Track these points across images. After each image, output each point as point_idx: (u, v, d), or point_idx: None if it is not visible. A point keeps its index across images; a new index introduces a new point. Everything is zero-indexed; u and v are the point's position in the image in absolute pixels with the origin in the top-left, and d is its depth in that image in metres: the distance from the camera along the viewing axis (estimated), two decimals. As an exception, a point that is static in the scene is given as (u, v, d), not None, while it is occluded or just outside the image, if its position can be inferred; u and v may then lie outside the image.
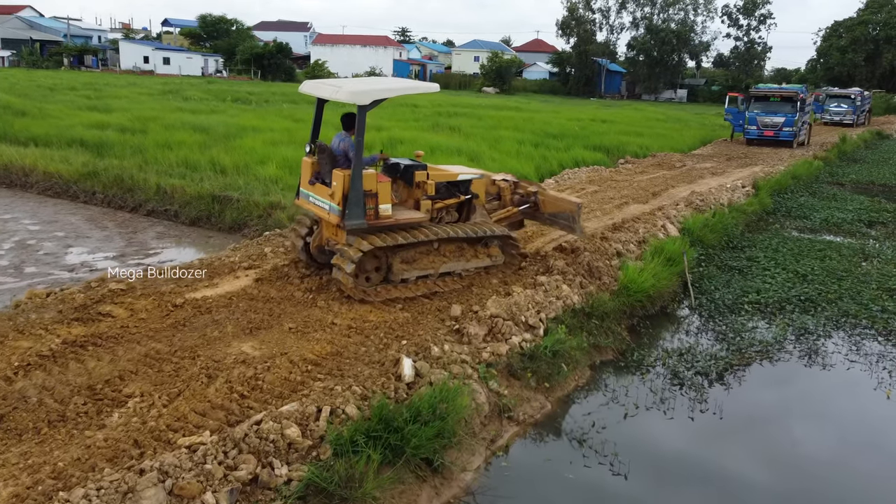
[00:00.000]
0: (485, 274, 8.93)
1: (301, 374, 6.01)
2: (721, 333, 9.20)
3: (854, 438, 7.02)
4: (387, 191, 7.91)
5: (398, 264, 8.13)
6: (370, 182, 7.72)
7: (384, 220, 7.92)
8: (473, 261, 8.76)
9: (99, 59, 75.05)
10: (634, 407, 7.11)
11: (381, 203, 7.82)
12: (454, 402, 5.72)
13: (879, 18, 73.09)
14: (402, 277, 8.17)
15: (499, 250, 9.02)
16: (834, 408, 7.73)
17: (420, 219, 8.29)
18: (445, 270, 8.52)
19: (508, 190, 9.95)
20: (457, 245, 8.55)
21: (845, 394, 8.00)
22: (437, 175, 8.71)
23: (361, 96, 7.54)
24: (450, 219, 8.88)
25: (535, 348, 7.32)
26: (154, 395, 5.50)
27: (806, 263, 12.11)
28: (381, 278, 8.14)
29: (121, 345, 6.43)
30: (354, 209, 7.61)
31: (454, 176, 8.91)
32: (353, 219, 7.65)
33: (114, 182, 15.16)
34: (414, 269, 8.25)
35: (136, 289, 7.88)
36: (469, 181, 9.01)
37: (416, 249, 8.23)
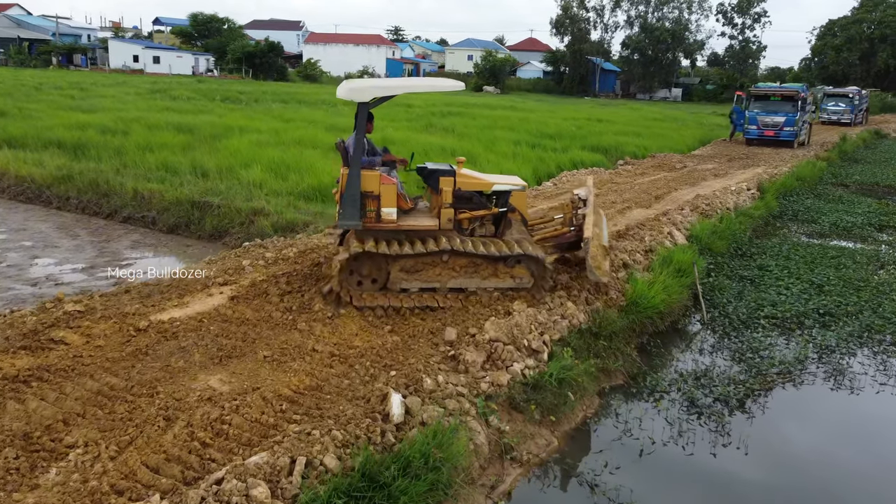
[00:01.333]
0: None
1: (274, 415, 5.26)
2: (738, 352, 8.49)
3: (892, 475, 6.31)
4: (392, 193, 7.44)
5: (396, 272, 7.58)
6: (372, 183, 7.34)
7: (385, 225, 7.47)
8: (492, 280, 7.89)
9: (88, 58, 73.92)
10: (650, 442, 6.38)
11: (384, 206, 7.40)
12: (450, 449, 4.98)
13: (874, 17, 72.76)
14: (401, 287, 7.60)
15: (526, 272, 8.00)
16: (869, 441, 7.00)
17: (430, 227, 7.66)
18: (455, 286, 7.80)
19: (570, 207, 8.95)
20: (470, 260, 7.78)
21: (879, 423, 7.29)
22: (466, 183, 7.93)
23: (361, 93, 7.23)
24: (483, 231, 8.13)
25: (538, 376, 6.58)
26: (101, 444, 4.74)
27: (820, 272, 11.42)
28: (378, 285, 7.64)
29: (71, 379, 5.65)
30: (349, 209, 7.30)
31: (487, 186, 8.08)
32: (346, 219, 7.34)
33: (89, 187, 14.35)
34: (415, 279, 7.65)
35: (97, 310, 7.10)
36: (507, 192, 8.18)
37: (420, 259, 7.59)
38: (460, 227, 7.96)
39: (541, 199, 14.70)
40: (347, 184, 7.25)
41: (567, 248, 9.02)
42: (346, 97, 7.35)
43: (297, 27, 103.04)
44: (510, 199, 8.21)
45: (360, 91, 7.27)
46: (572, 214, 8.86)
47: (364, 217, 7.39)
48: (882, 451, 6.78)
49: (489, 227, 8.16)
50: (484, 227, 8.14)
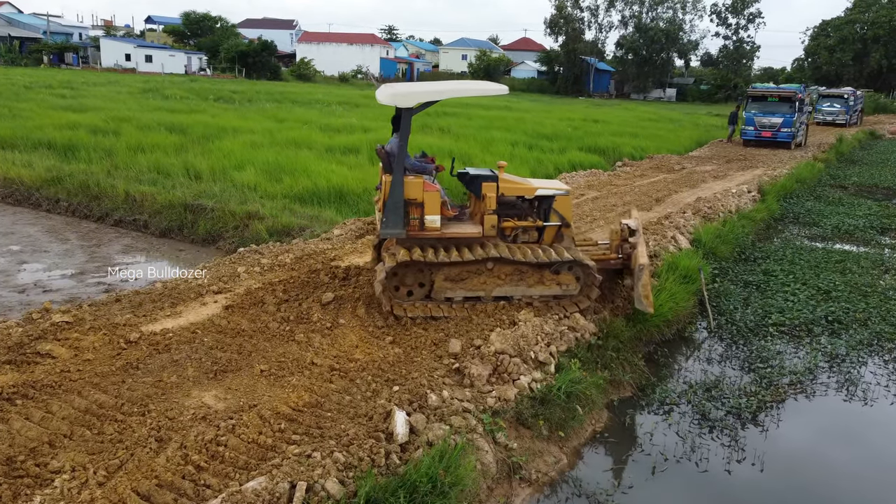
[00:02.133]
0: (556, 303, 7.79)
1: (272, 435, 4.99)
2: (747, 361, 8.27)
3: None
4: (435, 200, 7.23)
5: (441, 282, 7.38)
6: (415, 190, 7.14)
7: (430, 233, 7.28)
8: (538, 287, 7.64)
9: (80, 56, 73.22)
10: (663, 458, 6.15)
11: (427, 213, 7.22)
12: (457, 471, 4.73)
13: (867, 18, 72.99)
14: (446, 296, 7.42)
15: (573, 279, 7.74)
16: (884, 453, 6.79)
17: (474, 234, 7.44)
18: (500, 295, 7.57)
19: (619, 235, 8.69)
20: (515, 268, 7.52)
21: (894, 434, 7.08)
22: (510, 188, 7.70)
23: (405, 98, 7.06)
24: (526, 238, 7.88)
25: (546, 390, 6.33)
26: (89, 468, 4.45)
27: (826, 277, 11.23)
28: (424, 294, 7.45)
29: (58, 396, 5.37)
30: (392, 217, 7.09)
31: (531, 190, 7.86)
32: (389, 228, 7.13)
33: (79, 189, 14.02)
34: (460, 288, 7.45)
35: (86, 321, 6.80)
36: (550, 197, 7.93)
37: (464, 267, 7.39)
38: (503, 234, 7.74)
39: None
40: (390, 191, 7.02)
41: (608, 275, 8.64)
42: (389, 102, 7.13)
43: (291, 26, 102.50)
44: (554, 203, 7.98)
45: (404, 96, 7.09)
46: (620, 242, 8.62)
47: (408, 225, 7.18)
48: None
49: (532, 233, 7.92)
50: (527, 234, 7.91)
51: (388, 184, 7.05)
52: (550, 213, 7.97)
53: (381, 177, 7.77)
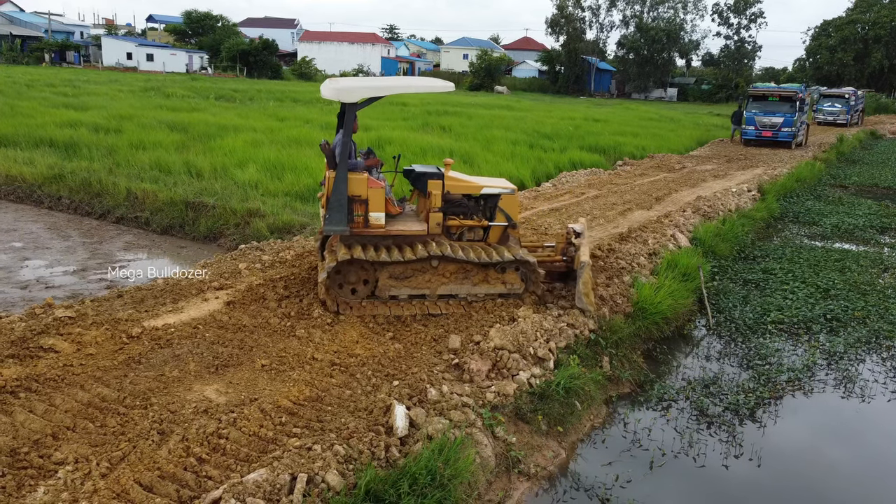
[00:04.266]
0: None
1: (273, 428, 5.04)
2: (745, 358, 8.31)
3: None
4: (380, 197, 7.19)
5: (385, 280, 7.36)
6: (359, 186, 7.08)
7: (374, 230, 7.23)
8: (483, 286, 7.68)
9: (81, 55, 73.35)
10: (661, 453, 6.19)
11: (371, 210, 7.15)
12: (456, 464, 4.78)
13: (868, 18, 72.95)
14: (390, 294, 7.38)
15: (517, 278, 7.83)
16: (882, 450, 6.83)
17: (419, 232, 7.41)
18: (445, 293, 7.58)
19: (565, 238, 8.77)
20: (460, 266, 7.55)
21: (892, 433, 7.11)
22: (455, 186, 7.66)
23: (349, 93, 6.99)
24: (472, 237, 7.89)
25: (545, 385, 6.38)
26: (91, 460, 4.50)
27: (825, 276, 11.26)
28: (367, 292, 7.42)
29: (61, 390, 5.42)
30: (336, 215, 7.04)
31: (477, 189, 7.82)
32: (333, 224, 7.08)
33: (81, 186, 14.08)
34: (405, 286, 7.43)
35: (88, 316, 6.85)
36: (496, 196, 7.89)
37: (409, 265, 7.37)
38: (448, 232, 7.72)
39: (541, 201, 14.52)
40: (334, 188, 6.97)
41: (555, 278, 8.70)
42: (333, 97, 7.08)
43: (292, 25, 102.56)
44: (500, 202, 7.93)
45: (349, 91, 7.00)
46: (565, 245, 8.65)
47: (351, 222, 7.14)
48: (894, 459, 6.62)
49: (478, 232, 7.93)
50: (473, 233, 7.91)
51: (332, 180, 6.99)
52: (496, 213, 7.92)
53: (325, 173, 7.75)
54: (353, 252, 7.10)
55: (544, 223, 12.18)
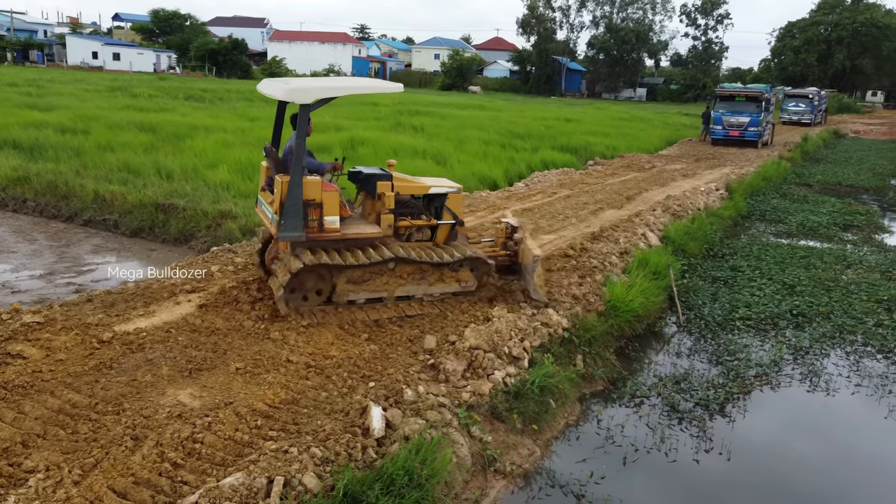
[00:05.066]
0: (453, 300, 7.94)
1: (249, 432, 5.02)
2: (715, 354, 8.48)
3: (874, 480, 6.33)
4: (335, 201, 7.08)
5: (343, 284, 7.25)
6: (314, 190, 6.92)
7: (329, 234, 7.09)
8: (438, 285, 7.76)
9: (45, 54, 71.89)
10: (634, 449, 6.29)
11: (326, 214, 7.02)
12: (433, 464, 4.81)
13: (831, 20, 74.63)
14: (349, 299, 7.31)
15: (470, 275, 7.97)
16: (846, 443, 7.02)
17: (374, 235, 7.38)
18: (403, 294, 7.60)
19: (504, 233, 8.82)
20: (417, 267, 7.57)
21: (856, 425, 7.30)
22: (404, 186, 7.73)
23: (302, 94, 6.81)
24: (420, 237, 7.93)
25: (520, 384, 6.44)
26: (63, 468, 4.44)
27: (791, 273, 11.52)
28: (323, 299, 7.30)
29: (30, 396, 5.33)
30: (291, 219, 6.85)
31: (425, 188, 7.93)
32: (289, 230, 6.89)
33: (47, 188, 13.81)
34: (363, 290, 7.37)
35: (57, 321, 6.74)
36: (443, 195, 7.98)
37: (366, 269, 7.32)
38: (397, 233, 7.71)
39: (513, 201, 14.61)
40: (289, 192, 6.78)
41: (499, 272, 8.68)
42: (284, 98, 7.01)
43: (262, 24, 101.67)
44: (447, 201, 7.99)
45: (302, 92, 6.85)
46: (505, 239, 8.73)
47: (306, 227, 6.97)
48: (859, 451, 6.79)
49: (426, 232, 7.95)
50: (421, 233, 7.93)
51: (285, 184, 6.81)
52: (443, 212, 7.99)
53: (264, 176, 7.72)
54: (318, 257, 6.98)
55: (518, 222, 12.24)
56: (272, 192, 7.31)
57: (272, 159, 7.34)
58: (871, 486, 6.23)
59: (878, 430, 7.07)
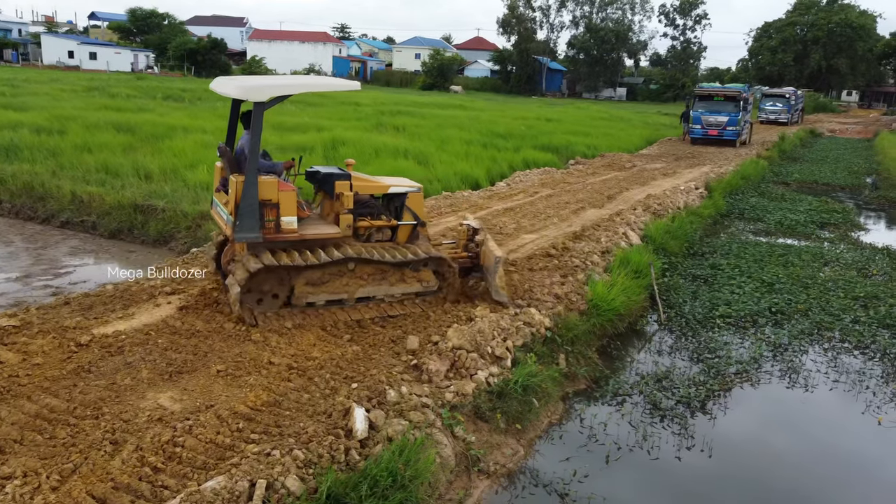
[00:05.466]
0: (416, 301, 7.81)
1: (231, 435, 4.97)
2: (696, 352, 8.54)
3: (852, 474, 6.42)
4: (291, 201, 6.91)
5: (302, 286, 7.08)
6: (270, 190, 6.75)
7: (287, 235, 6.92)
8: (399, 286, 7.62)
9: (19, 53, 70.78)
10: (616, 448, 6.32)
11: (283, 215, 6.85)
12: (417, 465, 4.80)
13: (807, 20, 75.61)
14: (308, 302, 7.14)
15: (432, 275, 7.85)
16: (824, 438, 7.12)
17: (333, 235, 7.23)
18: (363, 296, 7.44)
19: (465, 235, 8.68)
20: (377, 267, 7.44)
21: (834, 420, 7.41)
22: (363, 186, 7.56)
23: (257, 92, 6.66)
24: (380, 237, 7.74)
25: (503, 384, 6.45)
26: (41, 473, 4.37)
27: (770, 270, 11.65)
28: (281, 302, 7.11)
29: (6, 401, 5.24)
30: (247, 220, 6.67)
31: (384, 188, 7.78)
32: (244, 231, 6.70)
33: (23, 190, 13.60)
34: (322, 292, 7.20)
35: (34, 324, 6.64)
36: (403, 195, 7.85)
37: (325, 270, 7.15)
38: (357, 234, 7.55)
39: (495, 200, 14.64)
40: (244, 193, 6.60)
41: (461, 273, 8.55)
42: (238, 96, 6.89)
43: (241, 24, 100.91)
44: (407, 201, 7.86)
45: (257, 90, 6.68)
46: (466, 241, 8.62)
47: (263, 228, 6.79)
48: (837, 447, 6.89)
49: (386, 232, 7.79)
50: (381, 233, 7.75)
51: (240, 184, 6.63)
52: (404, 212, 7.86)
53: (218, 177, 7.55)
54: (277, 257, 6.82)
55: (499, 223, 12.29)
56: (227, 192, 7.11)
57: (226, 159, 7.16)
58: (850, 482, 6.32)
59: (856, 426, 7.16)
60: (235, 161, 7.13)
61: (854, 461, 6.64)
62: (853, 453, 6.77)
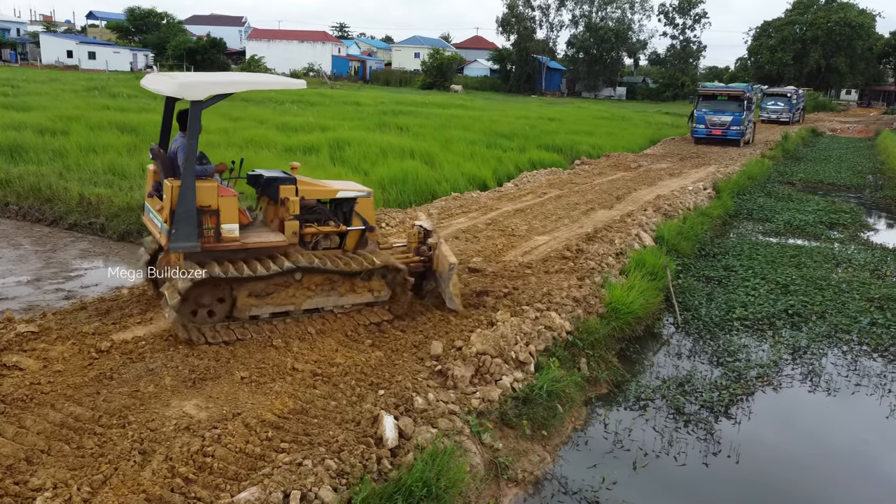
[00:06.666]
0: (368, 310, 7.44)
1: (260, 444, 4.90)
2: (715, 355, 8.49)
3: (886, 481, 6.36)
4: (233, 207, 6.50)
5: (245, 298, 6.65)
6: (209, 196, 6.33)
7: (228, 244, 6.50)
8: (349, 296, 7.24)
9: (18, 53, 70.55)
10: (643, 454, 6.26)
11: (224, 222, 6.43)
12: (450, 474, 4.73)
13: (806, 19, 75.65)
14: (251, 314, 6.73)
15: (383, 284, 7.45)
16: (852, 444, 7.04)
17: (277, 243, 6.79)
18: (311, 307, 7.07)
19: (416, 237, 8.29)
20: (325, 277, 7.05)
21: (860, 425, 7.34)
22: (310, 190, 7.16)
23: (194, 89, 6.30)
24: (328, 244, 7.36)
25: (528, 389, 6.38)
26: (72, 485, 4.30)
27: (783, 272, 11.59)
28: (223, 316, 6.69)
29: (30, 410, 5.16)
30: (184, 228, 6.23)
31: (332, 192, 7.37)
32: (181, 240, 6.26)
33: (30, 192, 13.47)
34: (267, 304, 6.80)
35: (52, 330, 6.56)
36: (352, 200, 7.49)
37: (270, 280, 6.72)
38: (303, 241, 7.12)
39: (505, 201, 14.57)
40: (180, 198, 6.14)
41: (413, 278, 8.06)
42: (174, 94, 6.44)
43: (239, 23, 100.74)
44: (356, 206, 7.52)
45: (194, 87, 6.31)
46: (417, 244, 8.26)
47: (201, 236, 6.37)
48: (864, 451, 6.83)
49: (334, 239, 7.40)
50: (329, 240, 7.36)
51: (176, 189, 6.18)
52: (353, 218, 7.51)
53: (151, 181, 7.11)
54: (209, 269, 6.34)
55: (511, 224, 12.23)
56: (161, 198, 6.67)
57: (160, 162, 6.74)
58: (880, 487, 6.26)
59: (882, 430, 7.11)
60: (170, 164, 6.69)
61: (883, 468, 6.58)
62: (882, 459, 6.71)
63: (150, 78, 7.04)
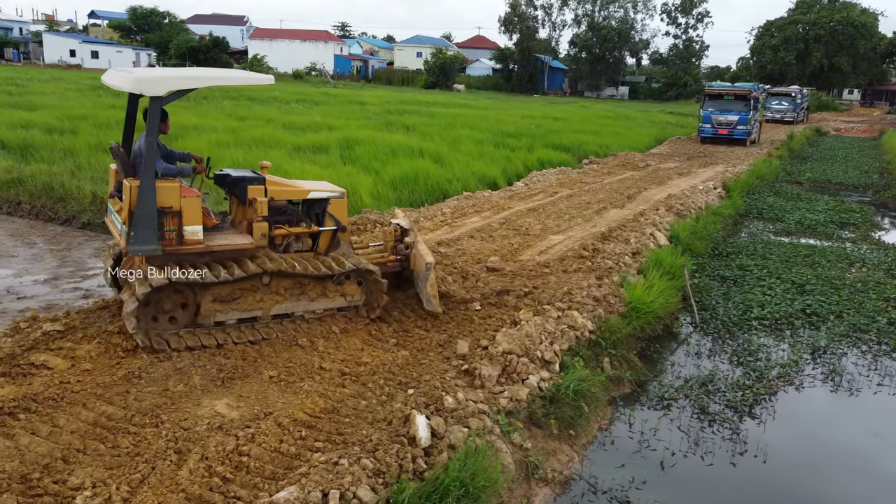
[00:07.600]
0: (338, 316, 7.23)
1: (295, 443, 4.89)
2: (735, 355, 8.47)
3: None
4: (196, 208, 6.23)
5: (209, 304, 6.40)
6: (171, 197, 6.07)
7: (191, 247, 6.23)
8: (321, 301, 7.00)
9: (20, 52, 70.58)
10: (670, 454, 6.24)
11: (186, 224, 6.17)
12: (486, 474, 4.72)
13: (808, 18, 75.57)
14: (216, 320, 6.50)
15: (357, 288, 7.25)
16: (875, 442, 7.02)
17: (245, 246, 6.56)
18: (280, 312, 6.83)
19: (393, 235, 8.13)
20: (296, 281, 6.81)
21: (882, 423, 7.32)
22: (279, 191, 6.90)
23: (153, 85, 6.06)
24: (300, 247, 7.15)
25: (555, 389, 6.37)
26: (110, 484, 4.29)
27: (798, 271, 11.58)
28: (185, 322, 6.46)
29: (62, 409, 5.16)
30: (143, 231, 5.96)
31: (303, 193, 7.13)
32: (140, 243, 5.99)
33: (42, 191, 13.47)
34: (233, 309, 6.54)
35: (77, 329, 6.55)
36: (325, 200, 7.25)
37: (236, 284, 6.50)
38: (273, 243, 6.90)
39: (516, 201, 14.56)
40: (139, 199, 5.89)
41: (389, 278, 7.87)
42: (132, 89, 6.26)
43: (241, 22, 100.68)
44: (329, 206, 7.28)
45: (153, 83, 6.08)
46: (394, 243, 8.09)
47: (163, 239, 6.12)
48: (891, 451, 6.82)
49: (306, 241, 7.19)
50: (301, 242, 7.15)
51: (135, 190, 5.93)
52: (326, 219, 7.27)
53: (113, 181, 6.92)
54: (167, 274, 6.09)
55: (525, 223, 12.22)
56: (122, 199, 6.39)
57: (120, 161, 6.48)
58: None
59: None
60: (132, 163, 6.45)
61: (907, 466, 6.58)
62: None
63: (110, 73, 6.77)
